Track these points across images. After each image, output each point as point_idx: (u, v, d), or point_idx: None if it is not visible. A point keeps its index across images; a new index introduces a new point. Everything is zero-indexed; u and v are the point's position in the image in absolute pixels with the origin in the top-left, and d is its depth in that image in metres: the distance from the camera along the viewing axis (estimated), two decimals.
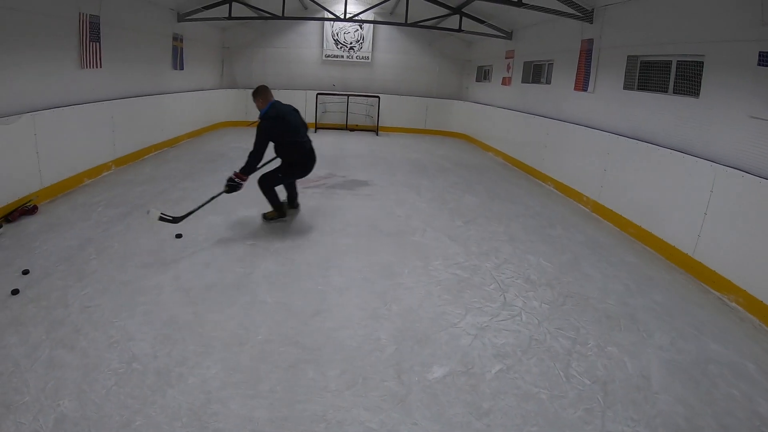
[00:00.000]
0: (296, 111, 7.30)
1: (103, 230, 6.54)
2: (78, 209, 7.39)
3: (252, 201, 7.91)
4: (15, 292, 4.81)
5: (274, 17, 14.84)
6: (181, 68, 14.14)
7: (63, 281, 5.07)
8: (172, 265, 5.58)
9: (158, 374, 3.64)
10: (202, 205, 6.61)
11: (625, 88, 8.64)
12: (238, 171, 6.59)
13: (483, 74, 17.76)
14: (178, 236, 6.42)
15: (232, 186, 6.60)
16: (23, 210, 7.05)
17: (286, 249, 6.19)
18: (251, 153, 6.54)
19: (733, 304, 5.58)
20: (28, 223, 6.77)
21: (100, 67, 9.57)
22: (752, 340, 4.86)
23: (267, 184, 7.06)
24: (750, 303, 5.41)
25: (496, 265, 6.02)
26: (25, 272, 5.25)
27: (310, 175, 7.08)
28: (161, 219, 6.16)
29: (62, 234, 6.37)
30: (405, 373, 3.84)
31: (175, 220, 6.32)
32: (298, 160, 7.12)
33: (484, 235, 7.09)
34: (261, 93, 6.93)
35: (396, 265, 5.83)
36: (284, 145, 6.97)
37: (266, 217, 7.28)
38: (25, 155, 7.44)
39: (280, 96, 17.38)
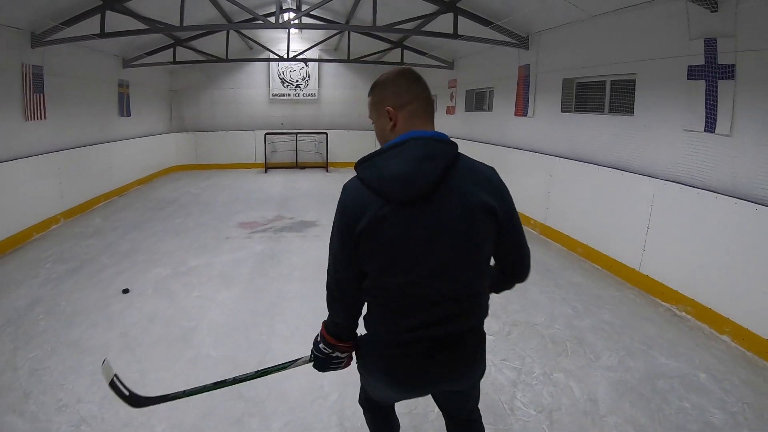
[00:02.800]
0: (473, 192, 2.09)
1: (51, 288, 6.38)
2: (26, 266, 7.21)
3: (200, 249, 7.83)
4: None
5: (219, 60, 14.87)
6: (128, 114, 14.01)
7: (12, 344, 4.95)
8: (119, 321, 5.45)
9: None
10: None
11: (563, 110, 8.82)
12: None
13: None
14: (125, 291, 6.27)
15: (318, 360, 2.45)
16: None
17: (232, 299, 6.07)
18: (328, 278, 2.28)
19: (683, 314, 5.69)
20: None
21: (45, 118, 9.45)
22: (702, 349, 4.93)
23: (360, 394, 2.83)
24: (699, 311, 5.54)
25: None
26: None
27: (258, 218, 6.55)
28: (112, 386, 3.05)
29: (9, 294, 6.21)
30: (347, 420, 3.78)
31: (131, 398, 3.04)
32: (391, 343, 2.19)
33: None
34: (402, 92, 2.17)
35: None
36: (372, 284, 2.16)
37: None
38: None
39: (227, 139, 17.32)
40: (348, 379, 4.23)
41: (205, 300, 6.01)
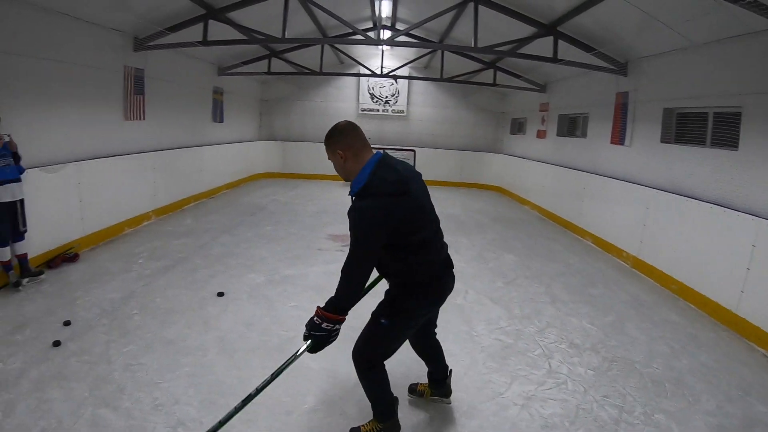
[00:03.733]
0: (419, 174, 3.67)
1: (145, 284, 6.69)
2: (119, 260, 7.61)
3: (293, 258, 8.05)
4: (57, 343, 4.97)
5: (312, 72, 15.29)
6: (221, 120, 14.71)
7: (106, 335, 5.19)
8: (214, 324, 5.64)
9: None
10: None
11: (662, 141, 8.66)
12: (322, 306, 3.35)
13: (517, 127, 17.87)
14: (220, 294, 6.49)
15: (320, 339, 3.34)
16: (65, 257, 7.40)
17: None
18: (346, 271, 3.27)
19: None
20: (70, 271, 7.03)
21: (143, 119, 10.10)
22: None
23: (368, 356, 3.66)
24: None
25: (539, 329, 5.99)
26: (67, 323, 5.43)
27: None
28: None
29: (104, 285, 6.55)
30: None
31: None
32: (430, 276, 3.53)
33: (525, 297, 7.06)
34: (345, 137, 3.45)
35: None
36: (407, 249, 3.39)
37: None
38: (68, 203, 7.82)
39: (315, 151, 17.69)
40: (452, 404, 4.32)
41: (301, 311, 6.05)
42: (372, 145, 3.36)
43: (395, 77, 16.57)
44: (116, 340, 5.12)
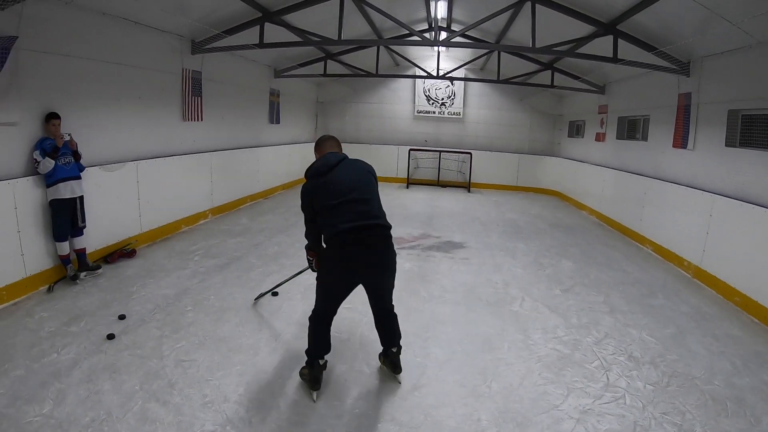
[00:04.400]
0: (360, 166, 4.61)
1: (199, 281, 6.81)
2: (175, 257, 7.79)
3: None
4: (111, 336, 5.13)
5: (368, 74, 15.30)
6: (278, 122, 14.97)
7: (159, 331, 5.31)
8: (267, 324, 5.71)
9: None
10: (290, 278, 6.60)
11: (727, 144, 8.30)
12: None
13: (575, 129, 17.59)
14: (275, 294, 6.55)
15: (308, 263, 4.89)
16: (122, 253, 7.69)
17: None
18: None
19: None
20: (126, 267, 7.24)
21: (201, 120, 10.37)
22: None
23: (314, 307, 4.63)
24: None
25: (597, 339, 5.85)
26: (122, 317, 5.61)
27: (404, 234, 6.81)
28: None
29: (159, 281, 6.72)
30: None
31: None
32: (335, 240, 4.26)
33: (583, 306, 6.91)
34: (319, 145, 4.78)
35: (495, 337, 5.76)
36: (320, 213, 4.34)
37: (301, 373, 4.68)
38: (127, 201, 8.13)
39: (371, 152, 17.71)
40: (506, 416, 4.26)
41: (355, 313, 6.01)
42: (428, 148, 3.69)
43: (451, 79, 16.48)
44: (169, 335, 5.24)
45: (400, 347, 4.79)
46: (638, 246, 10.75)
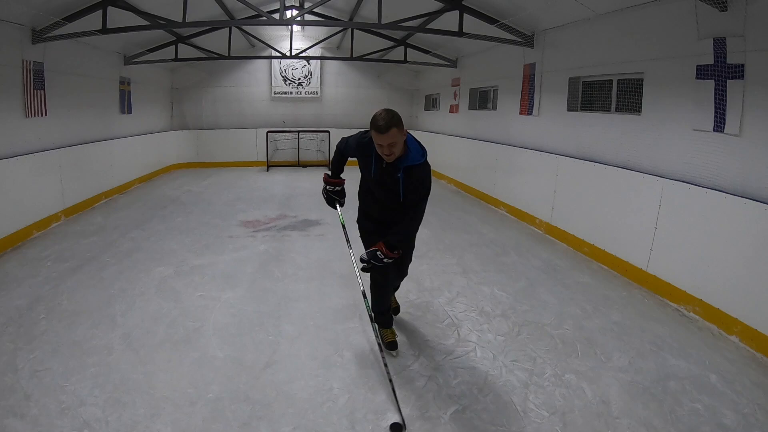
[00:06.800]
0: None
1: (52, 287, 6.30)
2: (27, 265, 7.14)
3: (203, 248, 7.80)
4: None
5: (221, 57, 14.78)
6: (129, 112, 13.92)
7: (12, 344, 4.86)
8: (121, 321, 5.37)
9: None
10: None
11: (569, 109, 8.78)
12: (385, 246, 4.28)
13: (431, 103, 17.92)
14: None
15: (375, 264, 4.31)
16: None
17: (237, 299, 5.98)
18: (416, 218, 4.44)
19: (691, 314, 5.67)
20: None
21: (46, 114, 9.39)
22: (712, 350, 4.91)
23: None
24: (707, 312, 5.52)
25: (448, 299, 5.90)
26: None
27: (260, 216, 6.73)
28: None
29: (11, 292, 6.11)
30: (359, 423, 3.72)
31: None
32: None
33: (436, 269, 6.98)
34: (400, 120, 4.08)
35: (348, 309, 5.69)
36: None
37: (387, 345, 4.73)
38: None
39: (229, 137, 17.38)
40: (358, 381, 4.21)
41: (209, 300, 5.90)
42: (287, 128, 3.44)
43: (306, 58, 16.30)
44: (22, 347, 4.81)
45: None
46: (494, 209, 11.09)
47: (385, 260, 4.21)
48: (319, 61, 18.03)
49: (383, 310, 4.73)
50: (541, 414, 3.83)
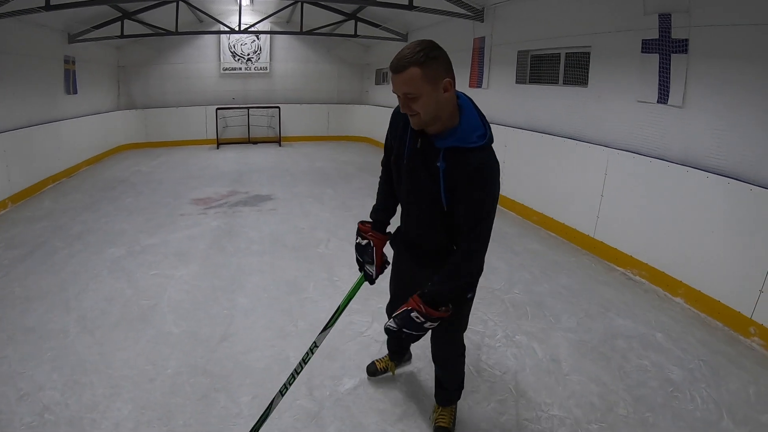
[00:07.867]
0: None
1: (3, 274, 6.12)
2: None
3: (154, 227, 7.75)
4: None
5: (168, 33, 14.40)
6: (75, 92, 13.41)
7: None
8: (75, 305, 5.27)
9: (71, 423, 3.44)
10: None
11: (517, 82, 8.90)
12: (424, 301, 2.63)
13: (382, 77, 17.89)
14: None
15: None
16: None
17: (191, 276, 5.95)
18: (480, 251, 2.66)
19: (638, 278, 5.89)
20: None
21: None
22: (658, 310, 5.12)
23: None
24: (652, 275, 5.74)
25: None
26: None
27: (212, 194, 6.60)
28: None
29: None
30: (317, 389, 3.79)
31: None
32: None
33: None
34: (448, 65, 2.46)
35: (301, 279, 5.75)
36: None
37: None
38: None
39: (179, 115, 17.04)
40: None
41: (162, 278, 5.86)
42: (235, 105, 2.67)
43: (255, 32, 16.11)
44: None
45: None
46: None
47: (426, 325, 2.64)
48: (268, 36, 17.76)
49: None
50: (493, 374, 3.96)
